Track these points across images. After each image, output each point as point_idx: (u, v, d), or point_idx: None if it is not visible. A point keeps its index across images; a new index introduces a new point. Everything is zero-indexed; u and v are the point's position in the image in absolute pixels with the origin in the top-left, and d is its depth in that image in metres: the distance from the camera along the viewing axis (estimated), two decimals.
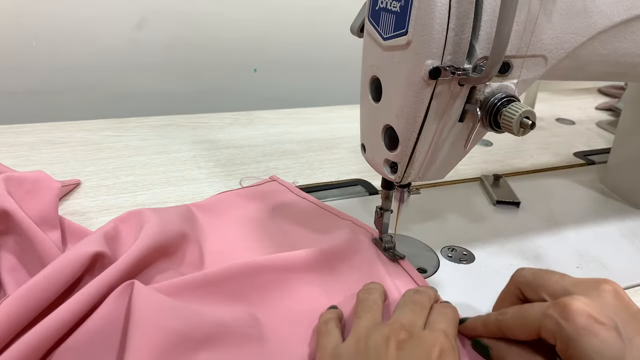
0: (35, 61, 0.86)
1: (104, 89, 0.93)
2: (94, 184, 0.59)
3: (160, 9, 0.91)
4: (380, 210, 0.49)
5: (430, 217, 0.56)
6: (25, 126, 0.72)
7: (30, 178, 0.49)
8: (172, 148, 0.70)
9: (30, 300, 0.34)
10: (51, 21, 0.85)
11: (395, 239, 0.48)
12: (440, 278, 0.46)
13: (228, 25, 0.97)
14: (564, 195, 0.65)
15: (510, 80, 0.38)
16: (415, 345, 0.32)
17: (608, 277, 0.35)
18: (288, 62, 1.04)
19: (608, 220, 0.59)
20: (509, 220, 0.57)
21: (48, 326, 0.32)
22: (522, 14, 0.36)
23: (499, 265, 0.49)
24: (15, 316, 0.33)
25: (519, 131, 0.36)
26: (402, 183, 0.43)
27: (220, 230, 0.51)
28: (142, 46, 0.92)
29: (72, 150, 0.66)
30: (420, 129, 0.38)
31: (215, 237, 0.50)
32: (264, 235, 0.50)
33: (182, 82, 0.98)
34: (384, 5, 0.37)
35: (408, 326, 0.33)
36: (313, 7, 1.02)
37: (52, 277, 0.36)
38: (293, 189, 0.59)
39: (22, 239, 0.43)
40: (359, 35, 0.43)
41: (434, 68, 0.34)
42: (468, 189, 0.64)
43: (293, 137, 0.77)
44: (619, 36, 0.42)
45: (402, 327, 0.33)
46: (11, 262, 0.42)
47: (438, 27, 0.33)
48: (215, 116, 0.83)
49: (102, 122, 0.76)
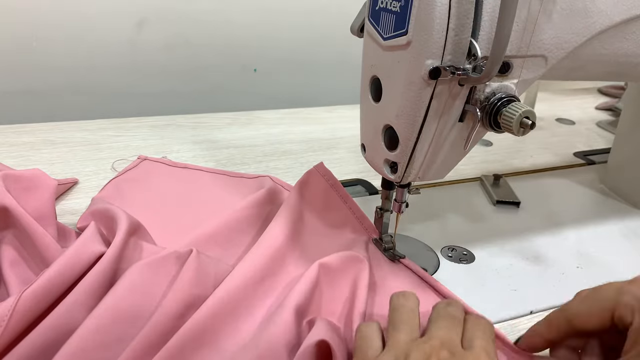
0: (35, 61, 0.86)
1: (104, 89, 0.93)
2: (94, 184, 0.58)
3: (160, 9, 0.91)
4: (380, 210, 0.49)
5: (430, 217, 0.56)
6: (25, 126, 0.72)
7: (26, 175, 0.50)
8: (172, 148, 0.70)
9: (46, 296, 0.35)
10: (51, 21, 0.85)
11: (395, 239, 0.48)
12: (441, 278, 0.46)
13: (228, 25, 0.97)
14: (564, 195, 0.65)
15: (510, 80, 0.38)
16: None
17: (608, 277, 0.35)
18: (288, 62, 1.04)
19: (608, 220, 0.59)
20: (509, 220, 0.57)
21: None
22: (522, 14, 0.36)
23: (499, 265, 0.49)
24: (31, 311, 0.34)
25: (519, 131, 0.36)
26: (402, 183, 0.43)
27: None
28: (142, 46, 0.92)
29: (72, 150, 0.66)
30: (420, 129, 0.38)
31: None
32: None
33: (182, 82, 0.98)
34: (384, 5, 0.37)
35: (448, 344, 0.32)
36: (313, 7, 1.02)
37: (65, 275, 0.37)
38: (166, 161, 0.63)
39: (21, 235, 0.43)
40: (359, 35, 0.43)
41: (434, 68, 0.34)
42: (468, 189, 0.64)
43: (293, 137, 0.77)
44: (619, 36, 0.42)
45: (442, 345, 0.31)
46: (12, 257, 0.42)
47: (438, 27, 0.33)
48: (215, 116, 0.83)
49: (102, 122, 0.76)
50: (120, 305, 0.36)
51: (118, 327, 0.34)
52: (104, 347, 0.33)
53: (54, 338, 0.33)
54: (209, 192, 0.57)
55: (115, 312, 0.35)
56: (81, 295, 0.36)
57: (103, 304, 0.35)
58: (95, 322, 0.34)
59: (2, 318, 0.32)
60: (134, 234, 0.44)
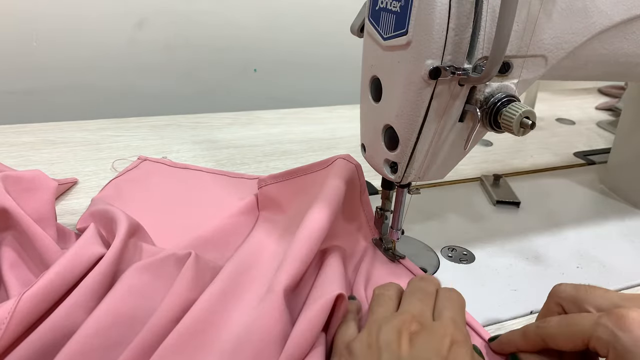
0: (35, 61, 0.86)
1: (104, 89, 0.93)
2: (94, 184, 0.58)
3: (160, 9, 0.91)
4: (381, 210, 0.49)
5: (430, 217, 0.56)
6: (25, 126, 0.72)
7: (26, 177, 0.49)
8: (172, 148, 0.70)
9: (46, 298, 0.35)
10: (51, 21, 0.85)
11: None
12: (441, 278, 0.46)
13: (228, 25, 0.97)
14: (564, 195, 0.65)
15: (510, 80, 0.38)
16: (426, 339, 0.31)
17: (608, 277, 0.35)
18: (288, 62, 1.04)
19: (608, 220, 0.59)
20: (509, 220, 0.57)
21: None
22: (522, 14, 0.36)
23: (499, 265, 0.49)
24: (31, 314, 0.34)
25: (519, 131, 0.36)
26: (402, 183, 0.43)
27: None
28: (142, 46, 0.92)
29: (72, 150, 0.66)
30: (420, 129, 0.38)
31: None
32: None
33: (182, 82, 0.98)
34: (384, 5, 0.37)
35: (418, 317, 0.33)
36: (313, 7, 1.02)
37: (65, 277, 0.36)
38: (166, 162, 0.63)
39: (21, 236, 0.43)
40: (359, 35, 0.43)
41: (434, 68, 0.34)
42: (468, 189, 0.64)
43: (293, 137, 0.77)
44: (619, 36, 0.42)
45: (412, 318, 0.33)
46: (11, 258, 0.42)
47: (438, 27, 0.33)
48: (215, 116, 0.83)
49: (102, 122, 0.76)
50: (119, 308, 0.35)
51: (117, 330, 0.34)
52: (102, 350, 0.33)
53: (54, 340, 0.33)
54: (209, 193, 0.57)
55: (114, 315, 0.35)
56: (81, 297, 0.36)
57: (102, 306, 0.35)
58: (94, 324, 0.34)
59: (2, 321, 0.32)
60: (134, 235, 0.44)
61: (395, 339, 0.31)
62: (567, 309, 0.35)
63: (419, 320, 0.33)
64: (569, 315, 0.34)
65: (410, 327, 0.32)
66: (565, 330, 0.32)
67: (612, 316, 0.30)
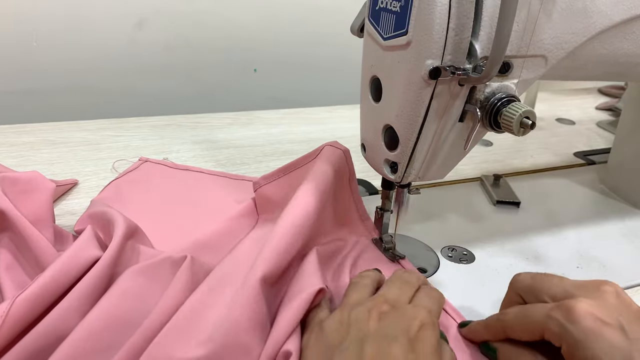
0: (35, 61, 0.86)
1: (104, 89, 0.93)
2: (94, 184, 0.58)
3: (160, 9, 0.91)
4: (381, 210, 0.49)
5: (430, 217, 0.56)
6: (25, 126, 0.72)
7: (24, 178, 0.49)
8: (172, 148, 0.70)
9: (40, 301, 0.35)
10: (51, 21, 0.85)
11: (395, 239, 0.48)
12: (441, 278, 0.46)
13: (228, 25, 0.97)
14: (564, 195, 0.65)
15: (510, 80, 0.38)
16: (396, 317, 0.32)
17: (608, 277, 0.35)
18: (288, 62, 1.04)
19: (608, 220, 0.59)
20: (509, 220, 0.57)
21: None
22: (522, 14, 0.36)
23: (499, 265, 0.49)
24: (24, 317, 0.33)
25: (519, 131, 0.36)
26: (402, 183, 0.43)
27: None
28: (142, 46, 0.92)
29: (72, 150, 0.66)
30: (420, 129, 0.38)
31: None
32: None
33: (182, 82, 0.98)
34: (384, 5, 0.37)
35: (392, 301, 0.34)
36: (313, 7, 1.02)
37: (59, 281, 0.36)
38: (167, 163, 0.63)
39: (17, 238, 0.43)
40: (359, 35, 0.43)
41: (434, 68, 0.34)
42: (468, 189, 0.64)
43: (293, 137, 0.77)
44: (619, 36, 0.42)
45: (385, 300, 0.33)
46: (7, 260, 0.42)
47: (438, 27, 0.33)
48: (215, 116, 0.83)
49: (102, 122, 0.76)
50: (112, 312, 0.35)
51: (110, 333, 0.34)
52: (94, 353, 0.33)
53: (47, 344, 0.33)
54: (209, 195, 0.57)
55: (107, 319, 0.35)
56: (75, 300, 0.35)
57: (95, 310, 0.35)
58: (88, 328, 0.33)
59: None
60: (131, 237, 0.44)
61: (365, 317, 0.32)
62: (525, 299, 0.36)
63: (392, 304, 0.33)
64: (525, 306, 0.34)
65: (381, 307, 0.33)
66: (522, 321, 0.33)
67: (561, 308, 0.31)
